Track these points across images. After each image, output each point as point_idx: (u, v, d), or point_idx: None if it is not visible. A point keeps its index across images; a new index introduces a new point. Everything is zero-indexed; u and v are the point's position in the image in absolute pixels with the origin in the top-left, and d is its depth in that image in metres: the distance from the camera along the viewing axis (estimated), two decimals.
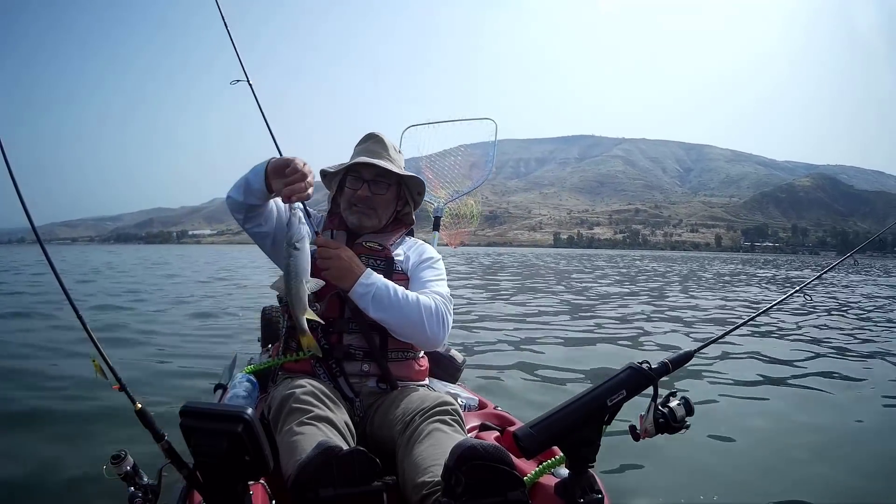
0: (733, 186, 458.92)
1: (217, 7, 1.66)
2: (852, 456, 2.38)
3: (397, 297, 1.35)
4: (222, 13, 1.66)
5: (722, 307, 8.34)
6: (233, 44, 1.62)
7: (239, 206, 1.37)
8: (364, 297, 1.33)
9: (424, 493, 0.98)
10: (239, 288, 11.32)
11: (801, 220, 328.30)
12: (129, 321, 6.35)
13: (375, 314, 1.33)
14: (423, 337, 1.38)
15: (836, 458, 2.35)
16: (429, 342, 1.41)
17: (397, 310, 1.34)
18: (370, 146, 1.53)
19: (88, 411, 2.82)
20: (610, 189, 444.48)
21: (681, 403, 0.97)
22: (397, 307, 1.34)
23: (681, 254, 63.07)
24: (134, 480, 0.93)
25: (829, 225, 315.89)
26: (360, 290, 1.33)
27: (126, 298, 8.92)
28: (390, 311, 1.34)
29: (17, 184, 1.05)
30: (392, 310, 1.34)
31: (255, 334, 2.71)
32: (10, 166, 1.05)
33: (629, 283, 13.09)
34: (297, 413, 1.13)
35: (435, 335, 1.37)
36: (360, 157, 1.47)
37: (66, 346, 4.60)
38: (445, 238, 2.39)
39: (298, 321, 1.22)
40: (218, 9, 1.67)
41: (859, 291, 11.43)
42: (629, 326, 6.12)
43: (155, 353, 4.48)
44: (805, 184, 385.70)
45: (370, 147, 1.53)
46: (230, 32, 1.64)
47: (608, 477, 1.05)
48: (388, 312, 1.34)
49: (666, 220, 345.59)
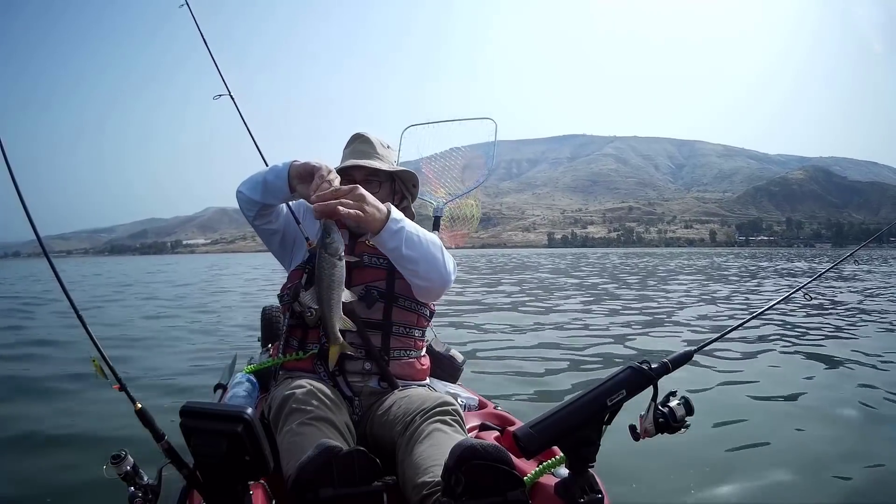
0: (726, 181, 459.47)
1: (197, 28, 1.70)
2: (857, 454, 2.37)
3: (419, 232, 1.27)
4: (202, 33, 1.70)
5: (721, 306, 8.33)
6: (213, 59, 1.67)
7: (253, 203, 1.37)
8: (397, 235, 1.21)
9: (425, 493, 0.98)
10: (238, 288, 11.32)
11: (795, 213, 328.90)
12: (129, 321, 6.35)
13: (407, 252, 1.23)
14: (442, 273, 1.31)
15: (839, 457, 2.34)
16: (444, 281, 1.34)
17: (424, 246, 1.26)
18: (358, 146, 1.53)
19: (89, 412, 2.83)
20: (603, 188, 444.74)
21: (681, 403, 0.97)
22: (424, 243, 1.27)
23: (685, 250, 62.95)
24: (134, 480, 0.93)
25: (824, 217, 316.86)
26: (394, 227, 1.21)
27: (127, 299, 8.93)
28: (419, 248, 1.25)
29: (23, 199, 1.05)
30: (421, 246, 1.26)
31: (255, 334, 2.71)
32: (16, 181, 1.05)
33: (628, 281, 13.10)
34: (297, 413, 1.13)
35: (449, 272, 1.33)
36: (349, 161, 1.48)
37: (66, 346, 4.61)
38: (445, 238, 2.39)
39: (333, 331, 1.16)
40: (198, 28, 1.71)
41: (860, 284, 11.42)
42: (629, 326, 6.12)
43: (155, 353, 4.48)
44: (798, 176, 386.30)
45: (358, 147, 1.53)
46: (210, 50, 1.68)
47: (608, 477, 1.05)
48: (417, 250, 1.25)
49: (660, 217, 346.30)
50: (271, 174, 1.32)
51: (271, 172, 1.32)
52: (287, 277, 1.50)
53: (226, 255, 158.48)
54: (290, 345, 1.43)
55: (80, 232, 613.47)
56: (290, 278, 1.48)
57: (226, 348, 4.60)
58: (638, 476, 2.08)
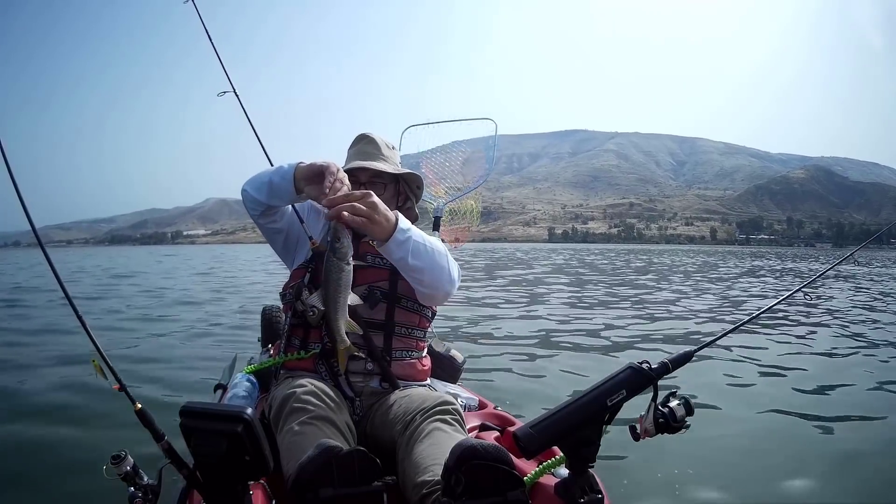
0: (727, 179, 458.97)
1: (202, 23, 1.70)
2: (857, 455, 2.37)
3: (426, 241, 1.27)
4: (206, 28, 1.69)
5: (721, 305, 8.33)
6: (217, 55, 1.66)
7: (258, 203, 1.37)
8: (404, 245, 1.21)
9: (424, 493, 0.98)
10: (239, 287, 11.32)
11: (796, 213, 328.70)
12: (128, 321, 6.36)
13: (413, 262, 1.23)
14: (446, 282, 1.31)
15: (839, 457, 2.34)
16: (448, 289, 1.34)
17: (430, 255, 1.26)
18: (363, 147, 1.53)
19: (88, 411, 2.83)
20: (604, 183, 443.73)
21: (681, 403, 0.97)
22: (430, 252, 1.26)
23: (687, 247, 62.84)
24: (134, 480, 0.94)
25: (825, 217, 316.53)
26: (401, 237, 1.20)
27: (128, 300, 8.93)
28: (425, 258, 1.25)
29: (18, 189, 1.05)
30: (427, 256, 1.25)
31: (255, 334, 2.71)
32: (12, 171, 1.05)
33: (628, 280, 13.09)
34: (297, 413, 1.13)
35: (454, 280, 1.34)
36: (354, 162, 1.47)
37: (66, 346, 4.61)
38: (446, 237, 2.39)
39: (340, 334, 1.16)
40: (203, 24, 1.70)
41: (862, 285, 11.41)
42: (629, 326, 6.11)
43: (155, 353, 4.48)
44: (799, 176, 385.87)
45: (363, 149, 1.52)
46: (215, 46, 1.67)
47: (608, 477, 1.05)
48: (423, 259, 1.24)
49: (660, 214, 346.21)
50: (277, 175, 1.30)
51: (276, 174, 1.31)
52: (290, 276, 1.50)
53: (226, 245, 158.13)
54: (292, 344, 1.42)
55: (80, 222, 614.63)
56: (293, 277, 1.48)
57: (226, 349, 4.59)
58: (638, 476, 2.08)
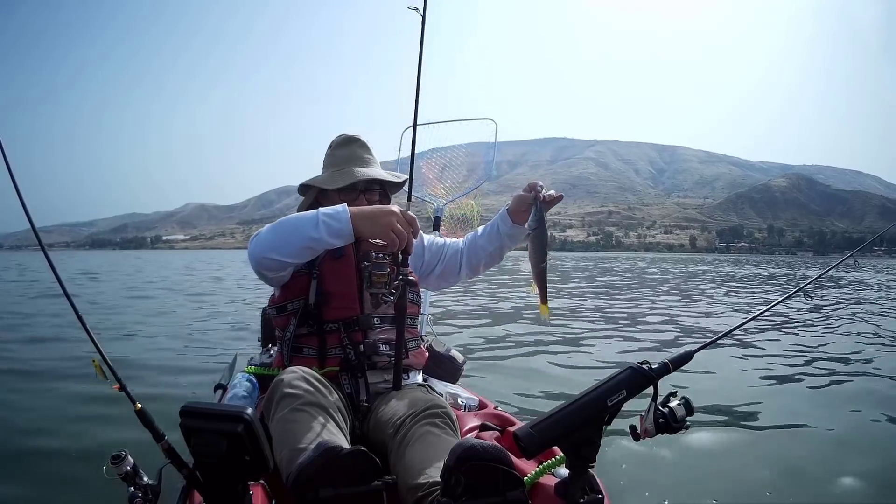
0: (707, 187, 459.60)
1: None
2: (856, 455, 2.37)
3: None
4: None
5: (720, 307, 8.34)
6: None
7: (284, 266, 1.29)
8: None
9: (420, 496, 0.98)
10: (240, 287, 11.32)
11: (776, 221, 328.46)
12: (129, 321, 6.35)
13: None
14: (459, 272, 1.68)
15: (839, 457, 2.34)
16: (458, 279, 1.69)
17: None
18: (357, 152, 1.50)
19: (88, 411, 2.83)
20: (582, 191, 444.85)
21: (681, 403, 0.97)
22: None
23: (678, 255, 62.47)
24: (134, 480, 0.93)
25: (806, 225, 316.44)
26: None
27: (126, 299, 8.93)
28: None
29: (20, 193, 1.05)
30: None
31: (255, 334, 2.71)
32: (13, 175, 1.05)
33: (625, 284, 13.09)
34: (288, 399, 1.11)
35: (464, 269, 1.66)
36: (358, 173, 1.44)
37: (66, 346, 4.60)
38: (446, 237, 2.39)
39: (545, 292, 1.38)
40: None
41: (860, 291, 11.43)
42: (629, 326, 6.12)
43: (155, 353, 4.48)
44: (781, 184, 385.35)
45: (357, 154, 1.50)
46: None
47: (608, 477, 1.05)
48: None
49: (639, 222, 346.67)
50: (324, 233, 1.19)
51: (322, 231, 1.19)
52: (284, 287, 1.40)
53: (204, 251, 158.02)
54: (304, 354, 1.36)
55: (61, 225, 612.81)
56: (295, 287, 1.39)
57: (226, 349, 4.59)
58: (638, 476, 2.08)
